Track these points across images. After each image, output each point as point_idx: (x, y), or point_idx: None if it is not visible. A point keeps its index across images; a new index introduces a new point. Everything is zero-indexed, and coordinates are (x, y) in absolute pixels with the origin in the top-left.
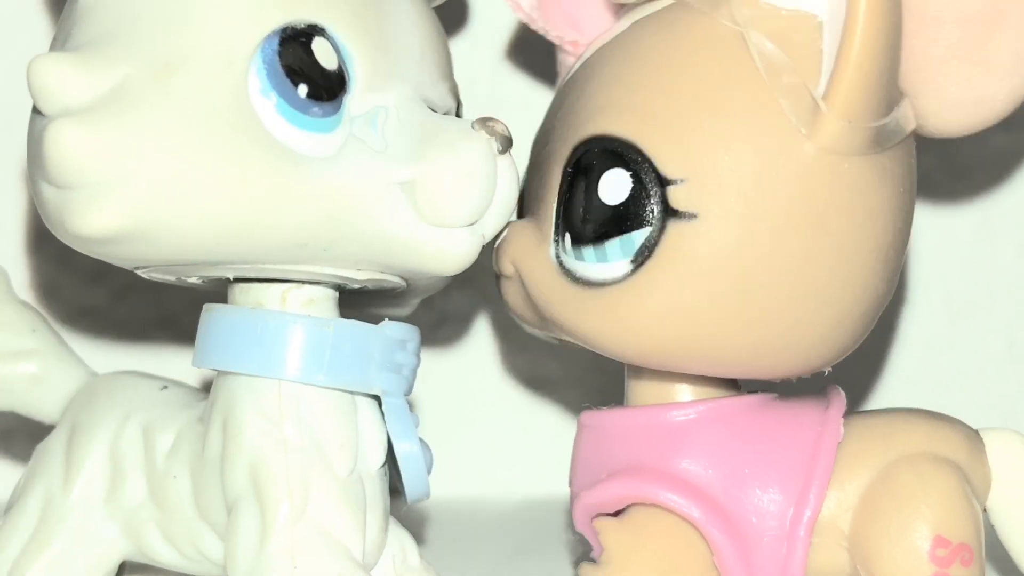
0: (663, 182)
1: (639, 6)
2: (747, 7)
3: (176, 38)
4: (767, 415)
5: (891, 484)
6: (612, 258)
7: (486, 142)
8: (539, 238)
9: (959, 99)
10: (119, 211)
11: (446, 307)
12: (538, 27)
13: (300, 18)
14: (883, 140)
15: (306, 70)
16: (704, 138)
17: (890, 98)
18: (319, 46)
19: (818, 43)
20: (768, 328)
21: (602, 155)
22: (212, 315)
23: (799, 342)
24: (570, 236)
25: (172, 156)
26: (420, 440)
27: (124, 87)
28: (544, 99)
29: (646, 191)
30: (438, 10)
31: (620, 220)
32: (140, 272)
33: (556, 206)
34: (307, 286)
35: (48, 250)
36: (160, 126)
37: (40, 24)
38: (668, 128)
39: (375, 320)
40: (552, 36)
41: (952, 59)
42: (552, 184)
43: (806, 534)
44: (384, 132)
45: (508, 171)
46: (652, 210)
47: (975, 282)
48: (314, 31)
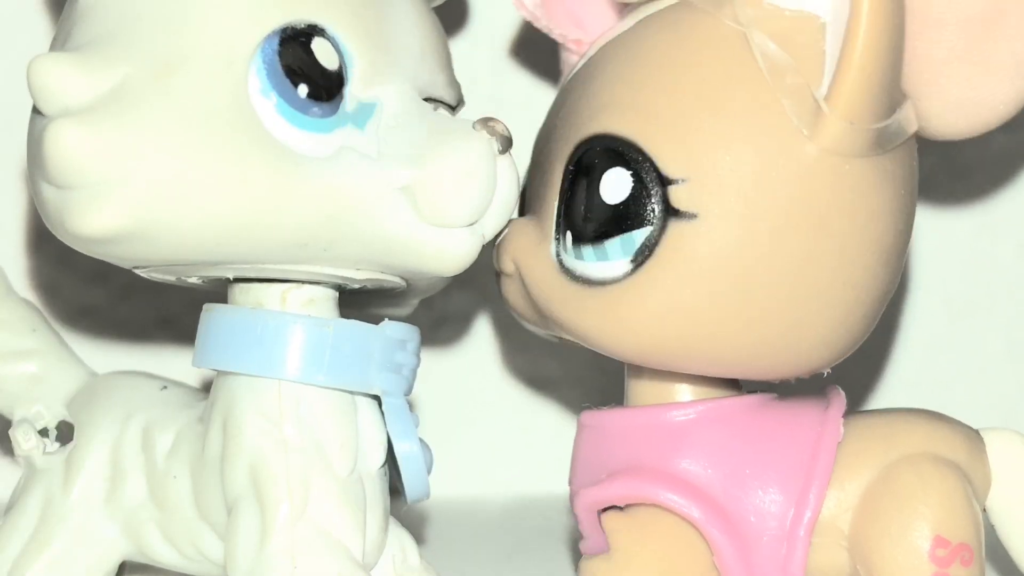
0: (664, 182)
1: (643, 5)
2: (750, 7)
3: (176, 38)
4: (767, 415)
5: (891, 484)
6: (612, 257)
7: (486, 142)
8: (540, 236)
9: (962, 101)
10: (119, 211)
11: (446, 307)
12: (542, 25)
13: (300, 18)
14: (885, 142)
15: (306, 70)
16: (706, 138)
17: (892, 100)
18: (319, 46)
19: (821, 44)
20: (768, 328)
21: (603, 154)
22: (212, 315)
23: (799, 343)
24: (571, 235)
25: (172, 156)
26: (420, 440)
27: (124, 87)
28: (544, 99)
29: (647, 190)
30: (438, 10)
31: (621, 219)
32: (140, 272)
33: (557, 204)
34: (307, 286)
35: (48, 250)
36: (160, 126)
37: (40, 24)
38: (670, 128)
39: (375, 320)
40: (556, 34)
41: (955, 61)
42: (553, 182)
43: (806, 534)
44: (384, 132)
45: (508, 171)
46: (653, 209)
47: (975, 282)
48: (314, 31)
